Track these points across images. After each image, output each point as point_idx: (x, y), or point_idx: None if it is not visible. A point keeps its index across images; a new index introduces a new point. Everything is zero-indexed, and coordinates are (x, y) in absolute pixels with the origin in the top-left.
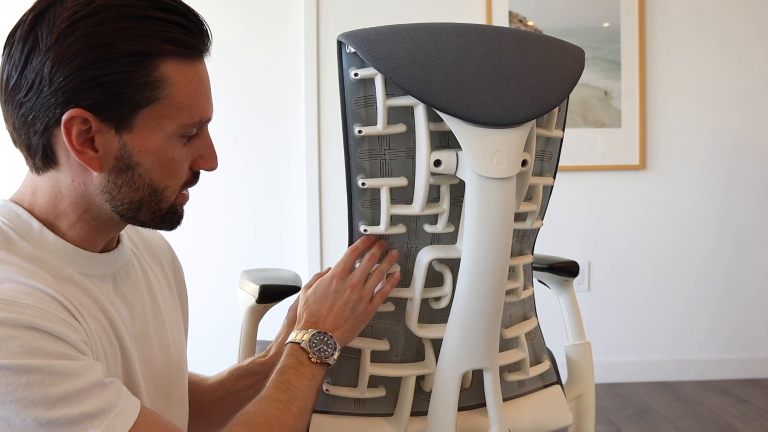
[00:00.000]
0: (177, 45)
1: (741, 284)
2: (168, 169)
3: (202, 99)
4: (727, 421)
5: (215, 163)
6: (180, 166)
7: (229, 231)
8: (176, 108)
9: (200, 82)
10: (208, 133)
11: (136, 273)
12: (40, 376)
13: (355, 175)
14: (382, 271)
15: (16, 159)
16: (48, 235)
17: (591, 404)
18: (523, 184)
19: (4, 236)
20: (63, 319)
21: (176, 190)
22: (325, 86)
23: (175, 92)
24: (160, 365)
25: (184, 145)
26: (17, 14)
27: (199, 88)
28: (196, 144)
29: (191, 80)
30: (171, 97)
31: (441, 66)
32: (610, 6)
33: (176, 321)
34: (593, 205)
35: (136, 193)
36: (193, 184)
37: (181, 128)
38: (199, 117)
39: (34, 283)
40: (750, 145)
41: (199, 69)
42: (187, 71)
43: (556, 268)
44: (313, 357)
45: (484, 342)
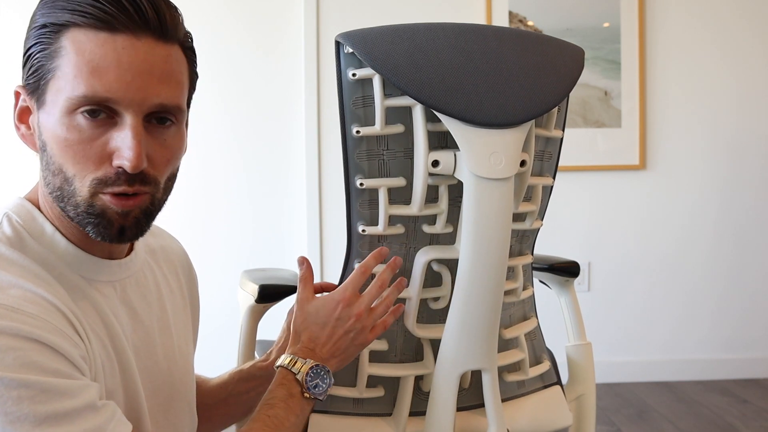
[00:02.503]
0: (82, 15)
1: (741, 284)
2: (65, 151)
3: (95, 72)
4: (727, 421)
5: (129, 162)
6: (80, 151)
7: (228, 231)
8: (65, 80)
9: (101, 53)
10: (134, 125)
11: (146, 282)
12: (32, 392)
13: (354, 176)
14: (390, 301)
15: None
16: (60, 240)
17: (591, 405)
18: (522, 185)
19: (18, 237)
20: (65, 332)
21: (86, 183)
22: (325, 86)
23: (67, 62)
24: (162, 376)
25: (92, 129)
26: (17, 14)
27: (95, 60)
28: (113, 133)
29: (85, 51)
30: (64, 68)
31: (438, 66)
32: (610, 6)
33: (185, 331)
34: (593, 205)
35: (54, 179)
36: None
37: (67, 102)
38: (83, 91)
39: (42, 292)
40: (750, 144)
41: (108, 41)
42: (85, 41)
43: (557, 269)
44: (306, 393)
45: (483, 342)
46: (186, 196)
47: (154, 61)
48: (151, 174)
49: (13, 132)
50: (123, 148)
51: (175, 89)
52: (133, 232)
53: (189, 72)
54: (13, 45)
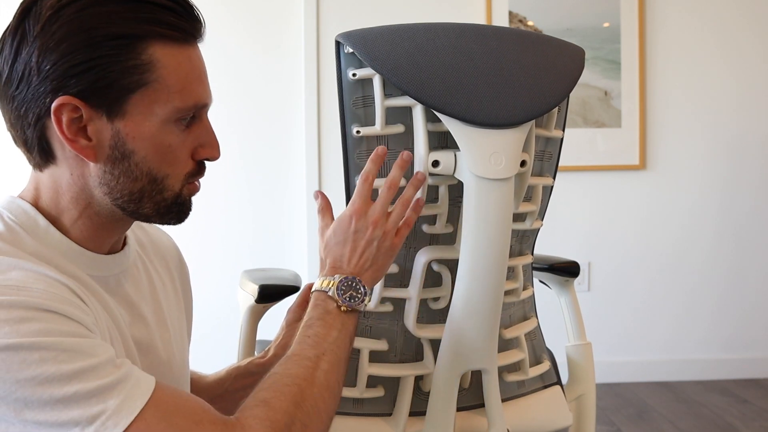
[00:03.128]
0: (165, 27)
1: (741, 284)
2: (165, 156)
3: (195, 83)
4: (727, 421)
5: (217, 152)
6: (178, 154)
7: (228, 231)
8: (168, 92)
9: (192, 66)
10: (208, 121)
11: (139, 276)
12: (54, 353)
13: (354, 176)
14: (407, 200)
15: (19, 160)
16: (54, 233)
17: (592, 405)
18: (522, 185)
19: (11, 231)
20: (74, 302)
21: (180, 179)
22: (325, 86)
23: (166, 75)
24: (163, 368)
25: (183, 131)
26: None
27: (191, 72)
28: (196, 132)
29: (182, 63)
30: (162, 81)
31: (439, 66)
32: (610, 6)
33: (179, 324)
34: (593, 205)
35: (134, 183)
36: (199, 175)
37: (174, 113)
38: (193, 101)
39: (43, 270)
40: (750, 144)
41: (191, 53)
42: (177, 54)
43: (557, 269)
44: (342, 305)
45: (483, 342)
46: None
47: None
48: None
49: None
50: (210, 142)
51: None
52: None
53: None
54: None
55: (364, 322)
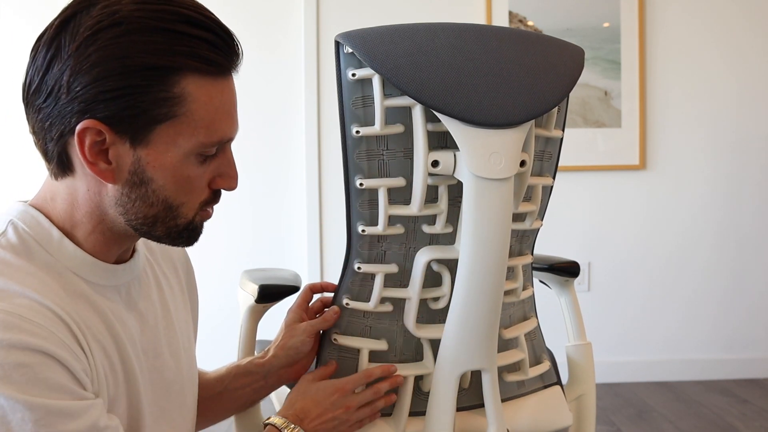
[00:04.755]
0: (200, 61)
1: (741, 284)
2: (183, 186)
3: (224, 118)
4: (727, 421)
5: (235, 183)
6: (196, 184)
7: (229, 231)
8: (194, 126)
9: (223, 100)
10: (230, 152)
11: (149, 282)
12: (37, 415)
13: (353, 176)
14: (376, 408)
15: (35, 160)
16: (67, 245)
17: (592, 405)
18: (521, 185)
19: (25, 245)
20: (68, 345)
21: (194, 207)
22: (325, 86)
23: (195, 110)
24: (171, 374)
25: (202, 163)
26: (17, 14)
27: (221, 107)
28: (216, 162)
29: (213, 98)
30: (190, 115)
31: (438, 66)
32: (610, 6)
33: (186, 327)
34: (593, 205)
35: (150, 209)
36: (214, 202)
37: (198, 147)
38: (219, 137)
39: (47, 303)
40: (750, 144)
41: (224, 87)
42: (209, 88)
43: (557, 269)
44: None
45: (482, 342)
46: None
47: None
48: None
49: (9, 133)
50: (230, 174)
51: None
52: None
53: None
54: (14, 45)
55: (363, 321)
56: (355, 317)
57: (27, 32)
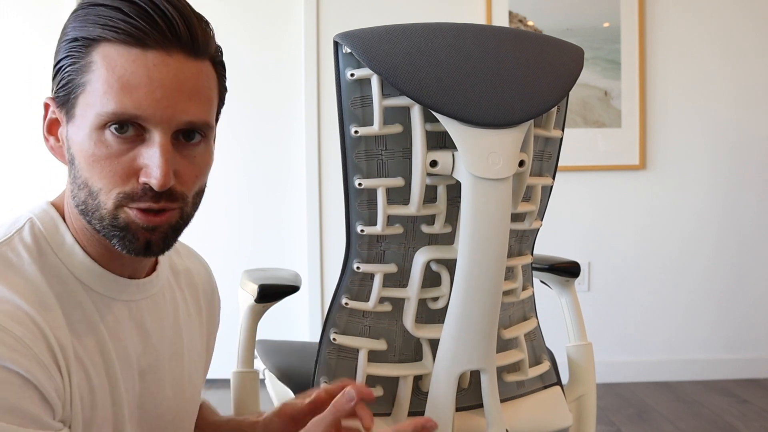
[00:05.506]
0: (111, 30)
1: (742, 284)
2: (92, 166)
3: (125, 89)
4: (727, 421)
5: (156, 180)
6: (107, 166)
7: (229, 231)
8: (95, 95)
9: (131, 70)
10: (162, 143)
11: (165, 305)
12: None
13: (352, 176)
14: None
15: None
16: (78, 253)
17: (592, 405)
18: (520, 185)
19: (37, 245)
20: (43, 363)
21: (111, 197)
22: (325, 86)
23: (98, 77)
24: (167, 403)
25: (120, 144)
26: (17, 14)
27: (125, 76)
28: (141, 150)
29: (118, 66)
30: (93, 83)
31: (437, 66)
32: (610, 6)
33: (198, 359)
34: (593, 205)
35: (79, 192)
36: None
37: (96, 118)
38: (113, 108)
39: (32, 313)
40: (750, 144)
41: (138, 57)
42: (117, 57)
43: (557, 269)
44: None
45: (481, 343)
46: None
47: (185, 78)
48: (179, 190)
49: (9, 133)
50: (151, 166)
51: (204, 106)
52: (160, 247)
53: (218, 87)
54: (14, 45)
55: (363, 321)
56: (355, 317)
57: (27, 32)
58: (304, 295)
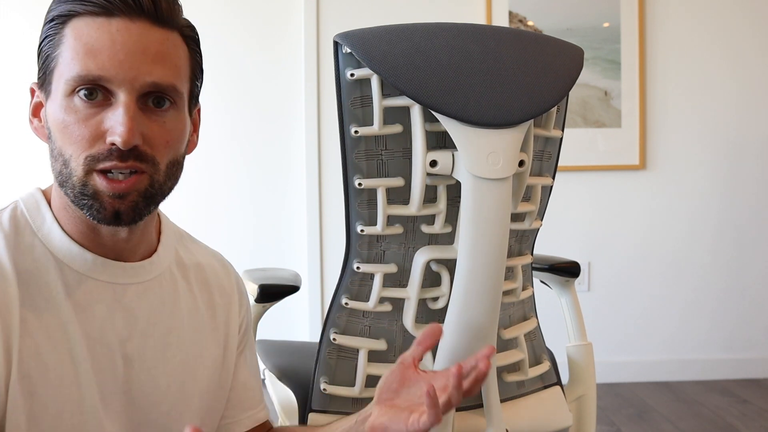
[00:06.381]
0: (82, 4)
1: (741, 284)
2: (63, 133)
3: (89, 53)
4: (727, 421)
5: (120, 137)
6: (76, 131)
7: (229, 231)
8: (64, 64)
9: (94, 36)
10: (126, 103)
11: (162, 293)
12: None
13: (352, 176)
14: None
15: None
16: (55, 231)
17: (592, 405)
18: (520, 185)
19: (16, 226)
20: None
21: (80, 161)
22: (325, 86)
23: (66, 48)
24: (159, 394)
25: (88, 109)
26: (18, 14)
27: (89, 44)
28: (108, 113)
29: (83, 35)
30: (64, 54)
31: (436, 66)
32: (610, 6)
33: (206, 353)
34: (593, 206)
35: (56, 163)
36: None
37: (65, 85)
38: (77, 71)
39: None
40: (750, 144)
41: (102, 25)
42: (86, 27)
43: (557, 269)
44: None
45: (481, 342)
46: (187, 196)
47: (148, 43)
48: (149, 153)
49: (9, 129)
50: (115, 125)
51: (171, 70)
52: (130, 216)
53: (190, 60)
54: (14, 45)
55: (363, 321)
56: (355, 317)
57: (27, 32)
58: (304, 295)
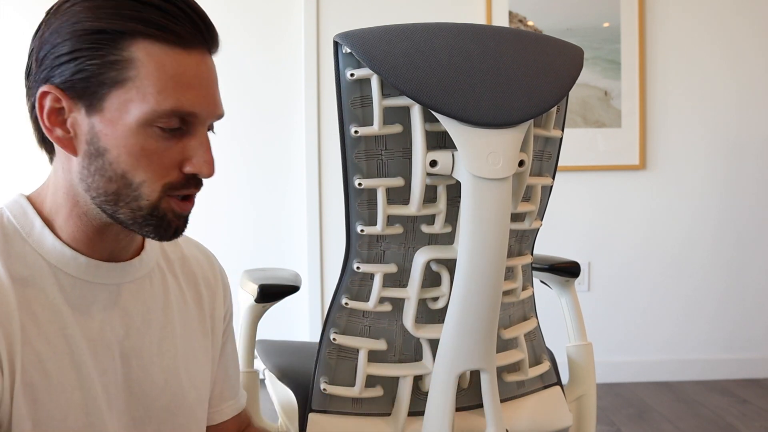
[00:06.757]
0: (149, 26)
1: (741, 284)
2: (139, 160)
3: (179, 88)
4: (727, 421)
5: (206, 169)
6: (155, 160)
7: (229, 230)
8: (144, 92)
9: (180, 71)
10: (205, 135)
11: (152, 289)
12: None
13: (352, 176)
14: None
15: (28, 160)
16: (47, 237)
17: (592, 405)
18: (520, 185)
19: (5, 233)
20: None
21: (156, 188)
22: (325, 86)
23: (145, 75)
24: (156, 389)
25: (168, 138)
26: (18, 14)
27: (176, 77)
28: (185, 142)
29: (166, 66)
30: (140, 80)
31: (436, 66)
32: (610, 6)
33: (197, 345)
34: (593, 205)
35: (109, 184)
36: (184, 188)
37: (150, 114)
38: (170, 105)
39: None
40: (750, 144)
41: (183, 58)
42: (162, 55)
43: (557, 269)
44: None
45: (481, 342)
46: None
47: (215, 75)
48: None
49: (9, 130)
50: (199, 158)
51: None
52: (183, 231)
53: None
54: (14, 45)
55: (363, 321)
56: (355, 317)
57: (27, 32)
58: (304, 295)
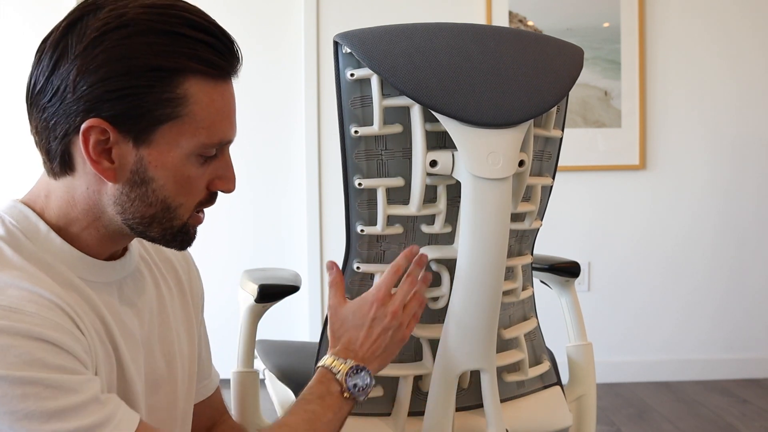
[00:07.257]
0: (202, 63)
1: (741, 284)
2: (183, 187)
3: (224, 120)
4: (727, 421)
5: (233, 185)
6: (195, 185)
7: (229, 231)
8: (196, 127)
9: (224, 103)
10: (229, 155)
11: (144, 281)
12: (37, 388)
13: (352, 176)
14: (420, 296)
15: (28, 160)
16: (54, 239)
17: (592, 405)
18: (520, 185)
19: (12, 236)
20: (66, 328)
21: (190, 208)
22: (325, 86)
23: (197, 111)
24: (161, 373)
25: (202, 164)
26: (18, 14)
27: (222, 109)
28: (215, 164)
29: (215, 100)
30: (192, 116)
31: (436, 66)
32: (610, 6)
33: (187, 329)
34: (593, 205)
35: (148, 209)
36: (209, 204)
37: (199, 147)
38: (219, 138)
39: (39, 290)
40: (750, 144)
41: (225, 90)
42: (211, 91)
43: (557, 269)
44: (346, 392)
45: (481, 343)
46: None
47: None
48: None
49: (9, 132)
50: (228, 177)
51: None
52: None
53: None
54: (14, 45)
55: None
56: None
57: (27, 32)
58: (304, 295)
